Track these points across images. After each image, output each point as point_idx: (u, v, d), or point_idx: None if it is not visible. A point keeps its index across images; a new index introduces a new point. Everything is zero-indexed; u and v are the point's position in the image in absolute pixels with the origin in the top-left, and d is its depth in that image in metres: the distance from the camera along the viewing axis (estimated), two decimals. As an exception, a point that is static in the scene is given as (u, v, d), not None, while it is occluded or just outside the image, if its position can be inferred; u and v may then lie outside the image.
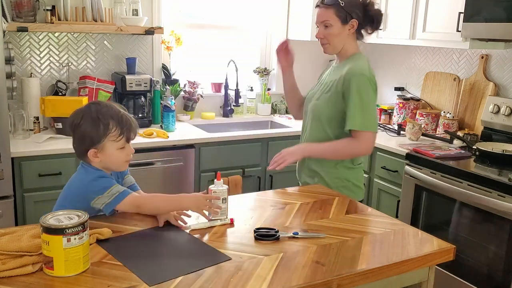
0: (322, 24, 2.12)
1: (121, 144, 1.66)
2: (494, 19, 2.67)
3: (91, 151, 1.63)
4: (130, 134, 1.68)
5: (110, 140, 1.63)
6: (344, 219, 1.75)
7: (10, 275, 1.26)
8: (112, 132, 1.62)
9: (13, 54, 2.73)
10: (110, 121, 1.62)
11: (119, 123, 1.64)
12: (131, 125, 1.68)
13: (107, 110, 1.64)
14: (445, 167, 2.65)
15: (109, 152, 1.64)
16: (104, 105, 1.67)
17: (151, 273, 1.31)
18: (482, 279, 2.50)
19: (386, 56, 3.96)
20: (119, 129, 1.63)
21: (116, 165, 1.70)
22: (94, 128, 1.61)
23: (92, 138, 1.62)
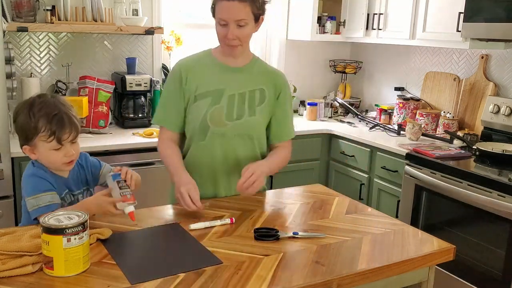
0: (235, 23, 1.76)
1: (53, 145, 1.55)
2: (494, 19, 2.67)
3: (26, 147, 1.58)
4: (62, 135, 1.55)
5: (40, 140, 1.55)
6: (344, 219, 1.75)
7: (10, 275, 1.26)
8: (41, 132, 1.53)
9: (13, 54, 2.73)
10: (40, 120, 1.53)
11: (49, 123, 1.53)
12: (64, 126, 1.55)
13: (41, 108, 1.54)
14: (445, 167, 2.65)
15: (42, 152, 1.57)
16: (42, 100, 1.57)
17: (137, 272, 1.31)
18: (482, 279, 2.50)
19: (386, 56, 3.96)
20: (49, 130, 1.53)
21: (53, 165, 1.61)
22: (26, 126, 1.54)
23: (25, 136, 1.56)
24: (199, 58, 1.92)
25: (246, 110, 1.87)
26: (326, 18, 3.92)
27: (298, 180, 3.35)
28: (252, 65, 1.93)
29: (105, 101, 3.15)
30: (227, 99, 1.85)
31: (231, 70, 1.89)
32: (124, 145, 2.87)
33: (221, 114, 1.85)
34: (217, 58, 1.90)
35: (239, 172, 1.80)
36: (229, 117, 1.86)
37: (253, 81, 1.90)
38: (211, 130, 1.85)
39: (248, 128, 1.89)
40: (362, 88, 4.23)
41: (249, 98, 1.88)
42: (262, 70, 1.95)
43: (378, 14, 3.49)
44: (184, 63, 1.90)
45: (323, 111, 3.91)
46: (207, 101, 1.84)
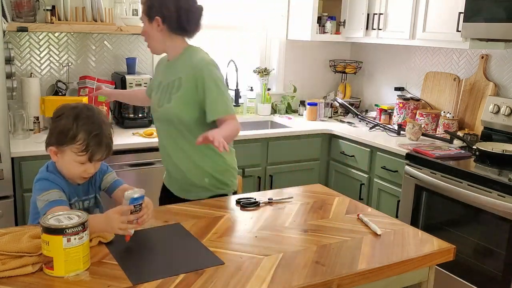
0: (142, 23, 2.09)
1: (82, 159, 1.57)
2: (494, 19, 2.67)
3: (52, 148, 1.58)
4: (95, 155, 1.58)
5: (71, 150, 1.56)
6: (344, 219, 1.75)
7: (10, 275, 1.26)
8: (76, 144, 1.55)
9: (13, 54, 2.73)
10: (80, 133, 1.54)
11: (88, 140, 1.55)
12: (100, 146, 1.58)
13: (85, 122, 1.56)
14: (445, 167, 2.65)
15: (67, 159, 1.58)
16: (89, 114, 1.58)
17: (138, 272, 1.31)
18: (482, 279, 2.50)
19: (386, 56, 3.96)
20: (85, 145, 1.55)
21: (69, 174, 1.62)
22: (65, 131, 1.55)
23: (59, 138, 1.57)
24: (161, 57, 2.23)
25: (165, 98, 2.04)
26: (326, 18, 3.92)
27: (298, 180, 3.35)
28: (180, 56, 2.06)
29: (105, 101, 3.15)
30: (159, 88, 2.10)
31: (167, 64, 2.11)
32: (124, 145, 2.87)
33: (154, 102, 2.12)
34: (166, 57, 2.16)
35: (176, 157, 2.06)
36: (158, 104, 2.08)
37: (176, 71, 2.04)
38: (153, 116, 2.18)
39: (167, 115, 2.03)
40: (362, 88, 4.23)
41: (169, 87, 2.04)
42: (185, 60, 2.04)
43: (378, 14, 3.49)
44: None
45: (323, 111, 3.91)
46: (155, 91, 2.13)
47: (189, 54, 2.04)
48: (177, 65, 2.04)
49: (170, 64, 2.08)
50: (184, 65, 2.02)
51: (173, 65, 2.06)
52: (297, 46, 4.11)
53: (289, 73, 4.14)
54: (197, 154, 2.03)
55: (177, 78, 2.00)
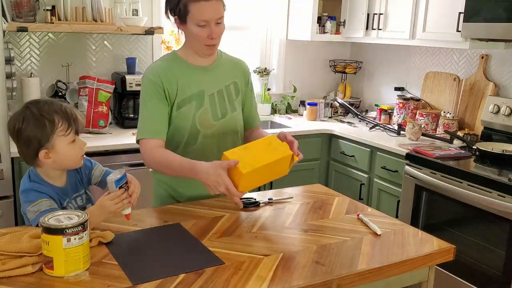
0: (216, 21, 1.73)
1: (71, 137, 1.57)
2: (494, 19, 2.67)
3: (42, 152, 1.54)
4: (78, 125, 1.59)
5: (58, 135, 1.54)
6: (344, 219, 1.75)
7: (10, 275, 1.26)
8: (59, 127, 1.54)
9: (13, 54, 2.73)
10: (54, 116, 1.54)
11: (65, 116, 1.55)
12: (77, 117, 1.59)
13: (48, 107, 1.56)
14: (445, 167, 2.65)
15: (60, 149, 1.56)
16: (43, 102, 1.59)
17: (138, 272, 1.31)
18: (482, 279, 2.50)
19: (386, 56, 3.96)
20: (66, 122, 1.55)
21: (71, 161, 1.61)
22: (40, 128, 1.52)
23: (40, 139, 1.53)
24: (170, 64, 1.84)
25: (228, 107, 1.89)
26: (326, 18, 3.92)
27: (298, 180, 3.35)
28: (220, 60, 1.92)
29: (105, 101, 3.15)
30: (208, 99, 1.84)
31: (204, 70, 1.86)
32: (124, 145, 2.87)
33: (207, 116, 1.84)
34: (187, 60, 1.85)
35: None
36: (215, 117, 1.86)
37: (226, 76, 1.90)
38: (202, 134, 1.84)
39: (234, 124, 1.91)
40: (362, 88, 4.23)
41: (227, 94, 1.89)
42: (229, 63, 1.95)
43: (378, 14, 3.49)
44: (159, 71, 1.81)
45: (323, 111, 3.91)
46: (192, 106, 1.81)
47: (225, 56, 1.96)
48: (221, 69, 1.89)
49: (209, 69, 1.86)
50: (231, 68, 1.93)
51: (216, 70, 1.88)
52: (297, 46, 4.11)
53: (289, 73, 4.14)
54: None
55: (232, 82, 1.90)
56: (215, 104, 1.85)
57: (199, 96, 1.83)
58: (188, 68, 1.84)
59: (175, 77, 1.81)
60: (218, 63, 1.90)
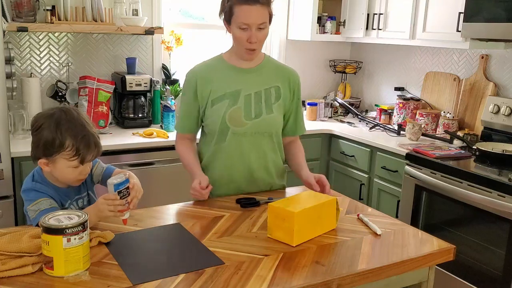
0: (257, 26, 1.79)
1: (74, 164, 1.56)
2: (494, 19, 2.67)
3: (42, 160, 1.55)
4: (86, 156, 1.56)
5: (62, 157, 1.54)
6: (344, 219, 1.75)
7: (10, 275, 1.26)
8: (66, 151, 1.53)
9: (13, 54, 2.73)
10: (67, 139, 1.52)
11: (76, 144, 1.53)
12: (89, 147, 1.56)
13: (68, 127, 1.53)
14: (445, 167, 2.65)
15: (59, 167, 1.56)
16: (69, 118, 1.56)
17: (138, 272, 1.31)
18: (482, 279, 2.50)
19: (386, 56, 3.96)
20: (75, 150, 1.53)
21: (65, 181, 1.61)
22: (50, 141, 1.52)
23: (46, 150, 1.53)
24: (211, 64, 1.97)
25: (264, 108, 1.91)
26: (326, 18, 3.92)
27: (298, 180, 3.35)
28: (265, 64, 1.97)
29: (105, 101, 3.15)
30: (243, 99, 1.90)
31: (245, 72, 1.93)
32: (124, 145, 2.87)
33: (240, 114, 1.89)
34: (229, 62, 1.94)
35: (259, 169, 1.97)
36: (248, 116, 1.90)
37: (268, 79, 1.94)
38: (231, 130, 1.90)
39: (268, 126, 1.93)
40: (362, 88, 4.23)
41: (265, 96, 1.92)
42: (275, 68, 1.99)
43: (378, 14, 3.49)
44: (196, 70, 1.96)
45: (323, 111, 3.91)
46: (224, 104, 1.89)
47: (272, 61, 2.01)
48: (264, 72, 1.94)
49: (251, 71, 1.92)
50: (276, 73, 1.96)
51: (259, 72, 1.93)
52: (297, 46, 4.11)
53: (289, 73, 4.14)
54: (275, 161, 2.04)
55: (274, 86, 1.94)
56: (250, 104, 1.90)
57: (234, 95, 1.90)
58: (227, 69, 1.93)
59: (211, 77, 1.92)
60: (261, 66, 1.95)
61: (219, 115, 1.89)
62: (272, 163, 2.02)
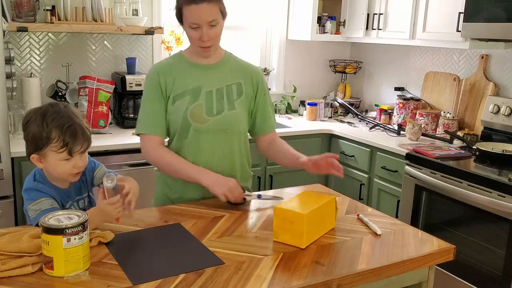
0: (208, 24, 1.76)
1: (64, 156, 1.54)
2: (494, 19, 2.67)
3: (34, 156, 1.55)
4: (74, 147, 1.54)
5: (51, 150, 1.53)
6: (344, 219, 1.75)
7: (10, 275, 1.26)
8: (53, 143, 1.52)
9: (13, 54, 2.73)
10: (53, 131, 1.51)
11: (62, 135, 1.52)
12: (76, 137, 1.54)
13: (54, 118, 1.53)
14: (445, 167, 2.65)
15: (51, 161, 1.55)
16: (55, 109, 1.55)
17: (138, 272, 1.32)
18: (482, 279, 2.50)
19: (386, 56, 3.96)
20: (61, 141, 1.52)
21: (61, 175, 1.60)
22: (38, 135, 1.52)
23: (35, 144, 1.53)
24: (172, 62, 1.94)
25: (226, 105, 1.89)
26: (326, 18, 3.92)
27: (298, 180, 3.35)
28: (225, 61, 1.95)
29: (105, 101, 3.15)
30: (205, 95, 1.87)
31: (205, 68, 1.90)
32: (124, 145, 2.87)
33: (201, 110, 1.87)
34: (190, 59, 1.91)
35: (223, 167, 1.89)
36: (209, 112, 1.87)
37: (229, 76, 1.92)
38: (193, 127, 1.86)
39: (230, 122, 1.91)
40: (362, 88, 4.23)
41: (227, 93, 1.90)
42: (237, 65, 1.97)
43: (378, 14, 3.49)
44: (157, 68, 1.91)
45: (323, 111, 3.91)
46: (185, 100, 1.86)
47: (233, 57, 1.99)
48: (226, 69, 1.93)
49: (211, 67, 1.91)
50: (238, 70, 1.95)
51: (219, 69, 1.92)
52: (297, 46, 4.11)
53: (289, 73, 4.14)
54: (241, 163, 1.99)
55: (235, 83, 1.92)
56: (212, 101, 1.88)
57: (195, 92, 1.87)
58: (188, 66, 1.90)
59: (173, 73, 1.88)
60: (221, 63, 1.93)
61: (181, 111, 1.86)
62: (238, 164, 1.97)
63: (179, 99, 1.87)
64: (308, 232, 1.50)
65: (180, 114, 1.86)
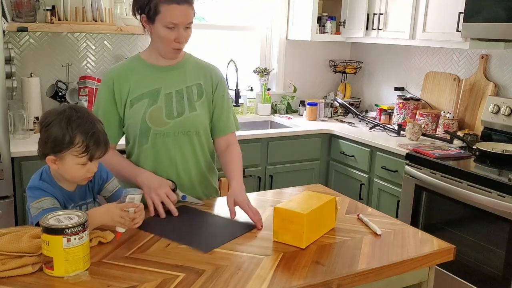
0: (184, 26, 1.75)
1: (83, 161, 1.54)
2: (494, 19, 2.67)
3: (50, 157, 1.55)
4: (96, 153, 1.56)
5: (71, 154, 1.53)
6: (344, 219, 1.75)
7: (10, 275, 1.26)
8: (75, 147, 1.52)
9: (13, 54, 2.73)
10: (77, 135, 1.51)
11: (86, 140, 1.52)
12: (99, 144, 1.56)
13: (79, 123, 1.53)
14: (445, 167, 2.65)
15: (68, 164, 1.55)
16: (79, 115, 1.54)
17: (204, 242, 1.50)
18: (482, 279, 2.50)
19: (386, 56, 3.96)
20: (84, 147, 1.52)
21: (72, 178, 1.60)
22: (59, 137, 1.52)
23: (55, 146, 1.53)
24: (128, 64, 1.88)
25: (187, 106, 1.85)
26: (326, 18, 3.92)
27: (298, 180, 3.35)
28: (185, 61, 1.90)
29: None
30: (164, 97, 1.83)
31: (164, 70, 1.85)
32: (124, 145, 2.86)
33: (161, 113, 1.82)
34: (148, 61, 1.86)
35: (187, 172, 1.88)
36: (170, 115, 1.83)
37: (189, 77, 1.88)
38: (153, 131, 1.82)
39: (192, 124, 1.86)
40: (362, 88, 4.23)
41: (187, 94, 1.86)
42: (196, 65, 1.92)
43: (378, 14, 3.49)
44: (112, 71, 1.86)
45: (323, 111, 3.91)
46: (143, 103, 1.81)
47: (193, 58, 1.94)
48: (186, 70, 1.88)
49: (171, 69, 1.86)
50: (198, 71, 1.91)
51: (180, 70, 1.87)
52: (297, 46, 4.11)
53: (289, 73, 4.14)
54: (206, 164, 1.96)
55: (196, 84, 1.88)
56: (171, 103, 1.83)
57: (153, 94, 1.82)
58: (145, 68, 1.85)
59: (128, 77, 1.83)
60: (181, 64, 1.89)
61: (139, 115, 1.80)
62: (203, 163, 1.94)
63: (137, 102, 1.81)
64: (308, 232, 1.50)
65: (139, 118, 1.81)
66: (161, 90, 1.83)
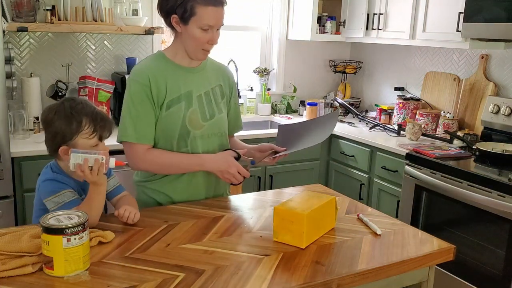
0: (217, 28, 1.77)
1: (94, 142, 1.59)
2: (494, 19, 2.67)
3: (62, 148, 1.57)
4: (104, 132, 1.62)
5: (82, 137, 1.57)
6: (344, 219, 1.75)
7: (10, 275, 1.26)
8: (84, 129, 1.57)
9: (13, 54, 2.73)
10: (83, 118, 1.57)
11: (93, 121, 1.58)
12: (106, 123, 1.62)
13: (81, 107, 1.59)
14: (445, 167, 2.65)
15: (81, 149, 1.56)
16: (78, 101, 1.62)
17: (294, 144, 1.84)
18: (482, 279, 2.50)
19: (386, 56, 3.96)
20: (93, 127, 1.58)
21: None
22: (67, 125, 1.56)
23: (64, 135, 1.56)
24: (158, 64, 1.82)
25: (215, 108, 1.89)
26: (326, 18, 3.92)
27: (298, 180, 3.35)
28: (205, 63, 1.92)
29: (105, 101, 3.15)
30: (196, 100, 1.84)
31: (191, 71, 1.86)
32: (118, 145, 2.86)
33: (197, 116, 1.83)
34: (174, 61, 1.84)
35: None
36: (204, 118, 1.85)
37: (211, 79, 1.91)
38: (192, 134, 1.82)
39: (221, 125, 1.92)
40: (362, 88, 4.23)
41: (213, 96, 1.89)
42: (213, 67, 1.95)
43: (378, 14, 3.49)
44: (145, 70, 1.79)
45: (323, 111, 3.91)
46: (181, 106, 1.80)
47: (209, 59, 1.95)
48: (208, 71, 1.90)
49: (196, 70, 1.86)
50: (217, 72, 1.94)
51: (203, 72, 1.88)
52: (297, 46, 4.11)
53: (289, 73, 4.15)
54: None
55: (218, 85, 1.91)
56: (203, 105, 1.85)
57: (188, 96, 1.82)
58: (175, 69, 1.83)
59: (164, 77, 1.79)
60: (203, 66, 1.90)
61: (178, 118, 1.79)
62: None
63: (174, 105, 1.79)
64: (308, 232, 1.50)
65: (178, 121, 1.79)
66: (193, 92, 1.83)
